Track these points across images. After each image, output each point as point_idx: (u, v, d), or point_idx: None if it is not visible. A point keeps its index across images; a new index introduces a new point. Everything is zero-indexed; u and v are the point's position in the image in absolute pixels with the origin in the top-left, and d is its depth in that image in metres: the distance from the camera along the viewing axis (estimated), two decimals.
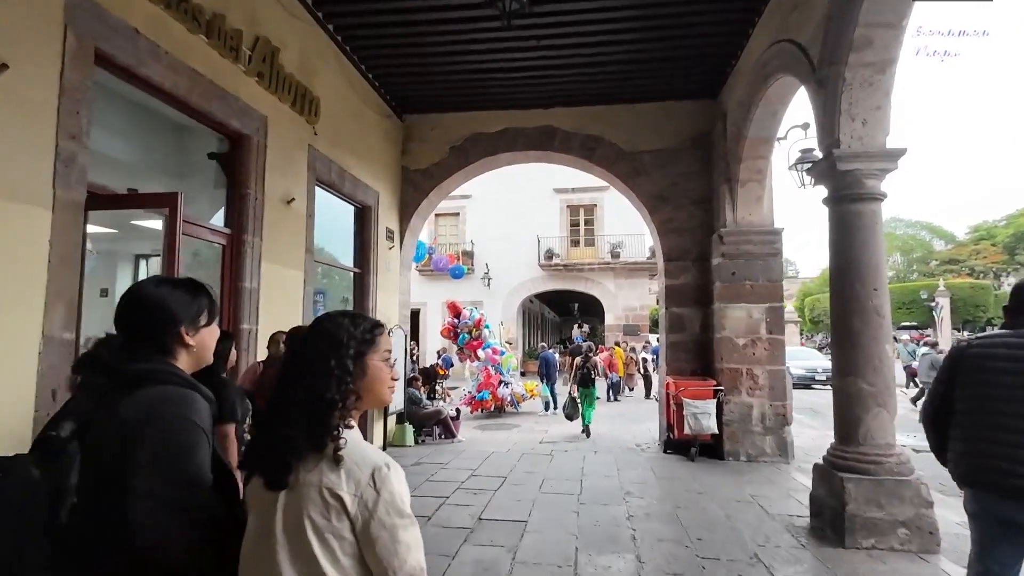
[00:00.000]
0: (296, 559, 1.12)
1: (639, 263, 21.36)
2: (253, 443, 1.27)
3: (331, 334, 1.23)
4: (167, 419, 1.21)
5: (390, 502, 1.14)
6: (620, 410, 12.74)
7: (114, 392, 1.23)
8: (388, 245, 8.10)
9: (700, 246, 7.91)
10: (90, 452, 1.19)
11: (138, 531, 1.14)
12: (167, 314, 1.33)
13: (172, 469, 1.19)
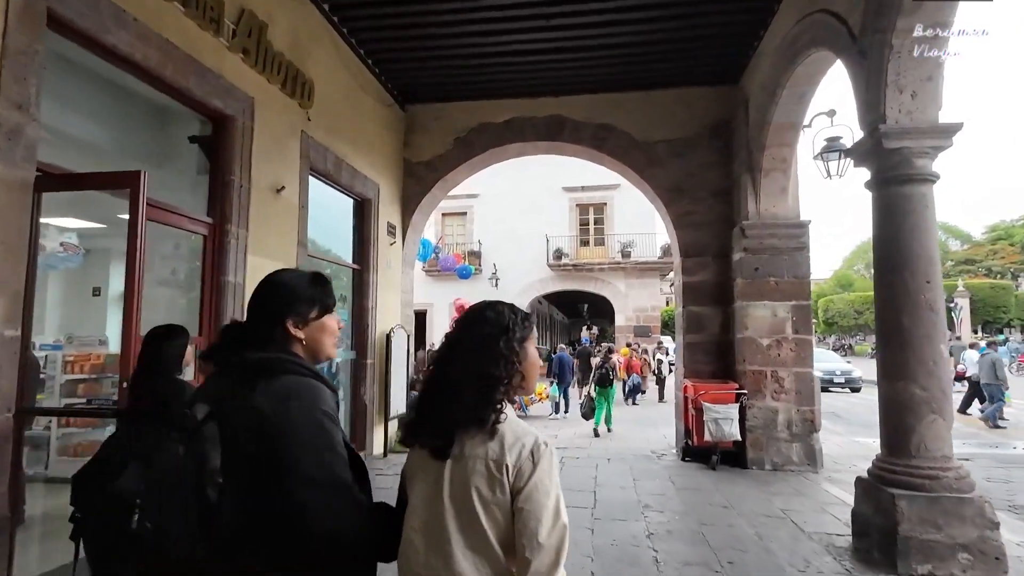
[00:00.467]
0: (464, 527, 1.20)
1: (650, 263, 20.87)
2: (416, 418, 1.32)
3: (498, 321, 1.32)
4: (308, 409, 1.23)
5: (541, 480, 1.22)
6: (635, 414, 12.27)
7: (244, 379, 1.25)
8: (389, 241, 7.70)
9: (719, 241, 7.44)
10: (229, 436, 1.20)
11: (312, 518, 1.16)
12: (275, 305, 1.34)
13: (324, 456, 1.21)
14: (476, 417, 1.22)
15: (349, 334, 6.97)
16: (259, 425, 1.19)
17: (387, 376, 7.20)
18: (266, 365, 1.26)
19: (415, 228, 8.47)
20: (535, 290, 21.93)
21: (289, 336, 1.33)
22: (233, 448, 1.19)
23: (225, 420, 1.21)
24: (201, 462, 1.17)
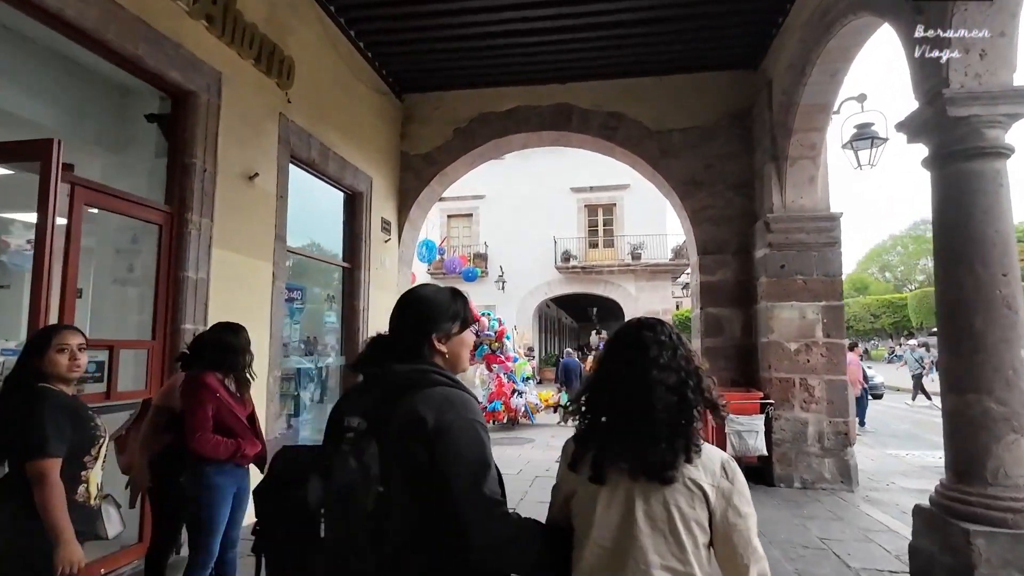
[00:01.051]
0: (663, 546, 1.21)
1: (661, 265, 20.24)
2: (609, 439, 1.28)
3: (671, 337, 1.35)
4: (464, 420, 1.25)
5: (742, 492, 1.27)
6: None
7: (398, 390, 1.28)
8: (384, 238, 7.17)
9: (740, 237, 6.85)
10: (390, 445, 1.21)
11: (472, 530, 1.18)
12: (423, 320, 1.39)
13: (482, 469, 1.23)
14: (678, 439, 1.24)
15: (338, 338, 6.45)
16: (423, 434, 1.21)
17: None
18: (418, 377, 1.30)
19: (413, 224, 7.95)
20: (542, 293, 21.38)
21: (434, 350, 1.38)
22: (395, 457, 1.21)
23: (383, 430, 1.22)
24: (365, 473, 1.17)
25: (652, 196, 21.60)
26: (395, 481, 1.19)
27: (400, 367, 1.32)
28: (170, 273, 3.78)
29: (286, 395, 6.01)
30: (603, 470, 1.26)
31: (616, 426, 1.30)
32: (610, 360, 1.36)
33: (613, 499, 1.25)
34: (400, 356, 1.35)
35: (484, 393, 11.09)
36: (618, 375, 1.31)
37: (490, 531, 1.20)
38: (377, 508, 1.17)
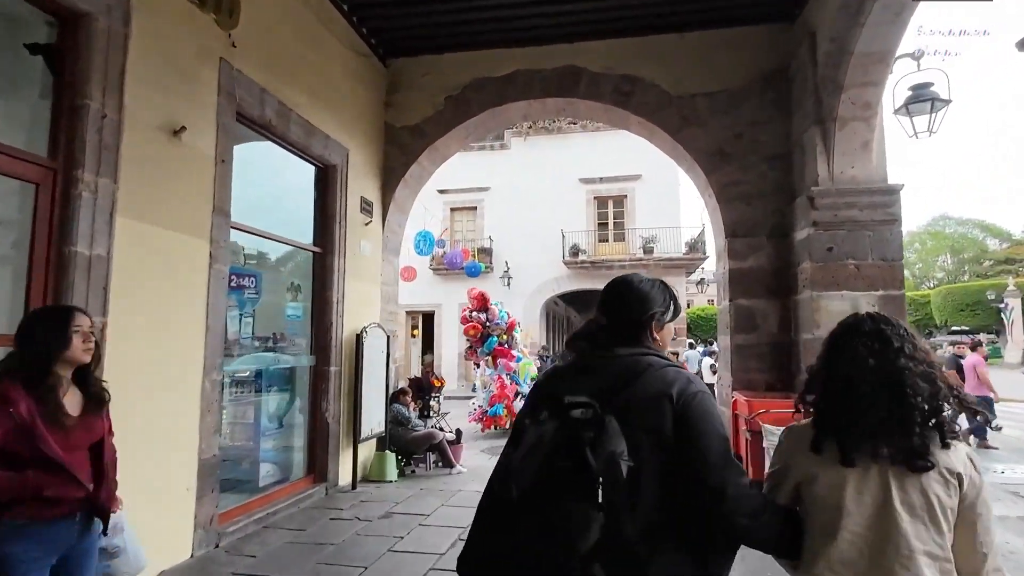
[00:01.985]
0: (924, 532, 1.26)
1: (675, 259, 19.22)
2: (856, 426, 1.30)
3: (906, 331, 1.38)
4: (704, 396, 1.32)
5: (985, 484, 1.32)
6: None
7: (627, 373, 1.35)
8: (364, 220, 6.27)
9: (776, 216, 5.89)
10: (631, 423, 1.25)
11: (726, 501, 1.24)
12: (647, 307, 1.45)
13: (726, 441, 1.31)
14: (940, 430, 1.29)
15: (308, 335, 5.56)
16: (668, 411, 1.29)
17: (357, 387, 5.76)
18: (648, 360, 1.38)
19: (399, 207, 7.04)
20: (550, 289, 20.43)
21: (650, 336, 1.46)
22: (644, 433, 1.27)
23: (621, 408, 1.27)
24: (613, 447, 1.21)
25: (664, 187, 20.71)
26: (643, 454, 1.25)
27: (624, 351, 1.40)
28: (51, 248, 2.89)
29: (244, 401, 5.14)
30: (851, 455, 1.29)
31: (865, 414, 1.31)
32: (848, 351, 1.37)
33: (864, 485, 1.29)
34: (623, 341, 1.42)
35: (485, 396, 10.18)
36: (863, 365, 1.33)
37: (745, 497, 1.27)
38: (628, 480, 1.20)
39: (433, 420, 7.39)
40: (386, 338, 6.45)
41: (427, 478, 6.41)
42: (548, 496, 1.20)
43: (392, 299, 7.07)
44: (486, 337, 9.99)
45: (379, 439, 6.39)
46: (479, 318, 10.20)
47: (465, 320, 10.41)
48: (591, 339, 1.45)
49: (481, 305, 10.39)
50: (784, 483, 1.40)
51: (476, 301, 10.46)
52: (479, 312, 10.25)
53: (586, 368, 1.42)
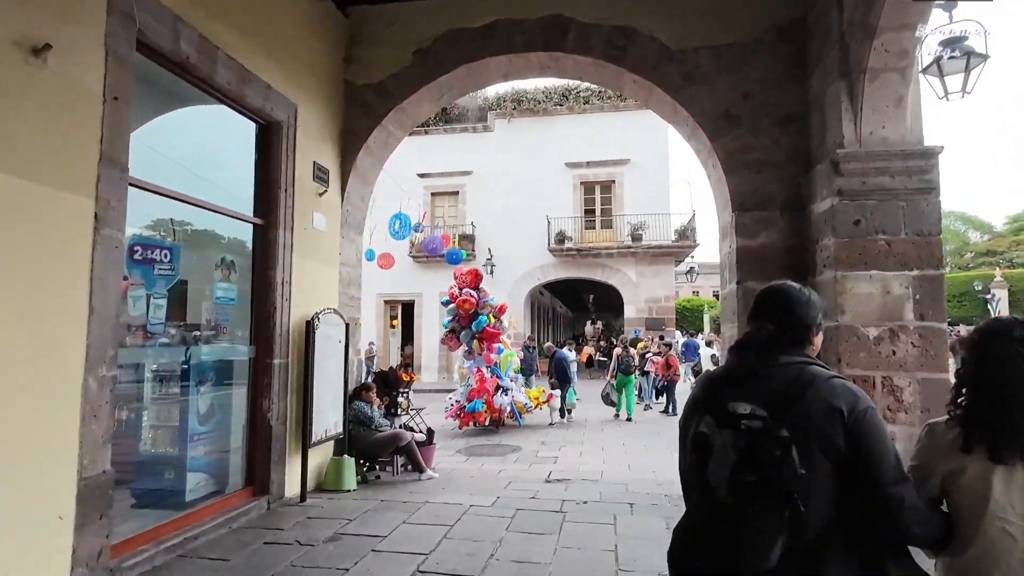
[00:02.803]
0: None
1: (664, 247, 18.54)
2: (1005, 425, 1.35)
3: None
4: (871, 409, 1.37)
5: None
6: (654, 424, 9.97)
7: (796, 383, 1.38)
8: (318, 190, 5.43)
9: (791, 187, 5.15)
10: (803, 432, 1.30)
11: (898, 510, 1.32)
12: (811, 316, 1.52)
13: (893, 450, 1.36)
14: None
15: (247, 322, 4.72)
16: (840, 422, 1.32)
17: (307, 383, 4.94)
18: (814, 369, 1.42)
19: (362, 177, 6.19)
20: (535, 278, 19.67)
21: (810, 343, 1.52)
22: (817, 442, 1.31)
23: (793, 418, 1.31)
24: (795, 461, 1.26)
25: (653, 172, 19.97)
26: (817, 465, 1.30)
27: (787, 359, 1.44)
28: None
29: (168, 401, 4.30)
30: (1002, 452, 1.34)
31: (1015, 415, 1.35)
32: (998, 356, 1.41)
33: (1012, 478, 1.33)
34: (786, 348, 1.46)
35: (463, 390, 9.39)
36: (1014, 371, 1.37)
37: (917, 509, 1.35)
38: (799, 488, 1.26)
39: (402, 419, 6.59)
40: (345, 326, 5.63)
41: (392, 485, 5.62)
42: (739, 506, 1.29)
43: (354, 282, 6.24)
44: (475, 315, 9.22)
45: (338, 442, 5.59)
46: (471, 295, 9.43)
47: (454, 297, 9.61)
48: (761, 347, 1.47)
49: (475, 282, 9.64)
50: (929, 479, 1.44)
51: (469, 276, 9.69)
52: (472, 290, 9.52)
53: (748, 375, 1.45)
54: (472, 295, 9.44)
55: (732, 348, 1.57)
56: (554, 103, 20.05)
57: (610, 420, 10.34)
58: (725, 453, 1.32)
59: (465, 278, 9.70)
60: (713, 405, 1.41)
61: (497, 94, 20.57)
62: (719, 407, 1.37)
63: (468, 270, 9.95)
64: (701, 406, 1.47)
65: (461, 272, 9.82)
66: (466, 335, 9.30)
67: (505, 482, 5.77)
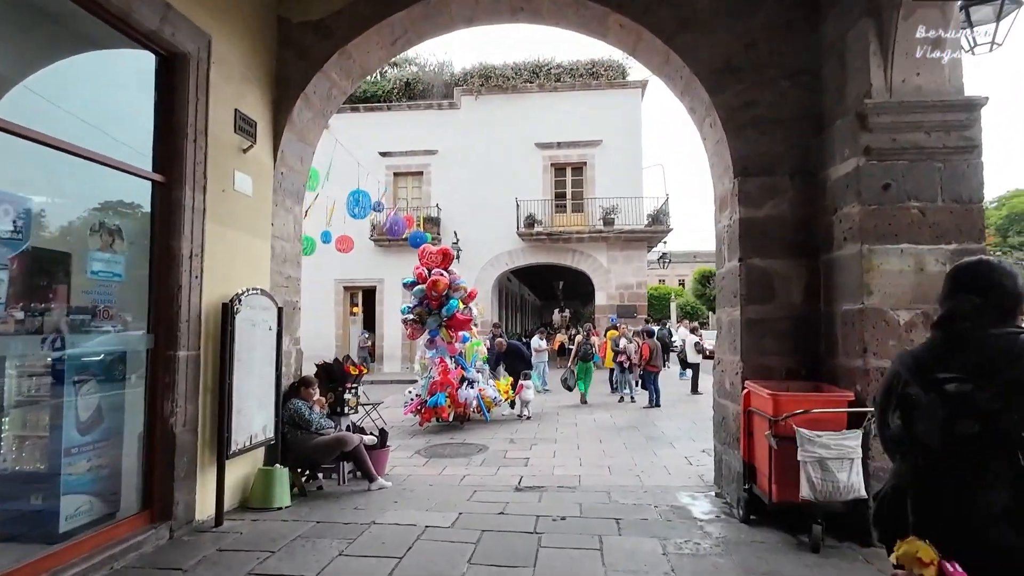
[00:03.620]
0: None
1: (637, 232, 17.94)
2: None
3: None
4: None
5: None
6: (631, 417, 9.31)
7: (1008, 354, 1.44)
8: (241, 144, 4.46)
9: (800, 150, 4.45)
10: (1016, 401, 1.37)
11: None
12: (1020, 286, 1.56)
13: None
14: None
15: (142, 304, 3.75)
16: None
17: (225, 380, 4.01)
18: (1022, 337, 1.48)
19: (301, 134, 5.24)
20: (503, 263, 18.83)
21: (1019, 316, 1.56)
22: None
23: (1011, 385, 1.38)
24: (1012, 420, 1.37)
25: (626, 154, 19.28)
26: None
27: (997, 330, 1.49)
28: None
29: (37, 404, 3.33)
30: None
31: None
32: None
33: None
34: (995, 320, 1.51)
35: (424, 382, 8.52)
36: None
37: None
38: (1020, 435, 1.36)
39: (351, 418, 5.69)
40: (277, 311, 4.70)
41: (335, 499, 4.76)
42: (964, 457, 1.41)
43: (292, 260, 5.29)
44: (446, 300, 8.31)
45: (270, 449, 4.69)
46: (439, 276, 8.45)
47: (422, 277, 8.60)
48: (969, 319, 1.51)
49: (444, 261, 8.73)
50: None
51: (439, 255, 8.75)
52: (441, 273, 8.52)
53: (955, 347, 1.51)
54: (443, 275, 8.53)
55: (936, 323, 1.62)
56: (524, 80, 19.13)
57: (584, 413, 9.65)
58: (934, 411, 1.44)
59: (435, 257, 8.75)
60: (919, 376, 1.51)
61: (464, 70, 19.54)
62: (925, 378, 1.48)
63: (438, 248, 9.02)
64: (906, 378, 1.56)
65: (430, 250, 8.85)
66: (433, 320, 8.39)
67: (469, 491, 4.96)
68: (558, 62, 19.42)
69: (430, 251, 8.92)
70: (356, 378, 5.56)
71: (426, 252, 8.89)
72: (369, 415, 8.79)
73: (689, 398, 11.15)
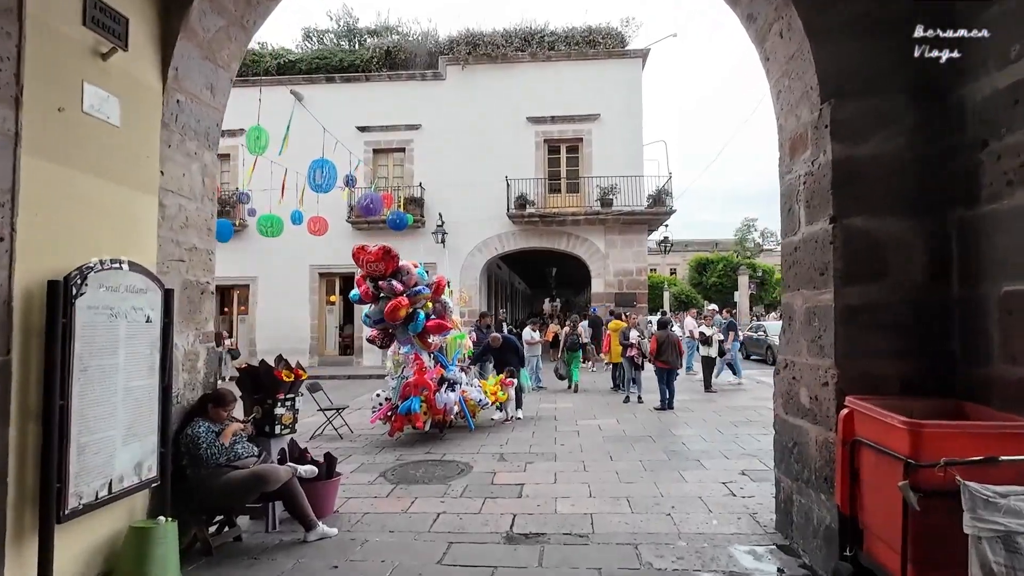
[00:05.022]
0: None
1: (637, 214, 16.53)
2: None
3: None
4: None
5: None
6: (643, 423, 7.96)
7: None
8: (98, 46, 2.99)
9: (918, 60, 3.05)
10: None
11: None
12: None
13: None
14: None
15: None
16: None
17: (54, 400, 2.57)
18: None
19: (208, 50, 3.76)
20: (492, 248, 17.37)
21: None
22: None
23: None
24: None
25: (625, 129, 17.80)
26: None
27: None
28: None
29: None
30: None
31: None
32: None
33: None
34: None
35: (395, 385, 7.10)
36: None
37: None
38: None
39: (284, 439, 4.26)
40: (163, 295, 3.25)
41: (252, 560, 3.36)
42: None
43: (196, 225, 3.84)
44: (409, 316, 6.65)
45: (155, 492, 3.27)
46: (393, 287, 6.48)
47: (368, 294, 6.72)
48: None
49: (389, 266, 6.51)
50: None
51: (377, 259, 6.49)
52: (388, 279, 6.52)
53: None
54: (394, 287, 6.45)
55: None
56: (515, 48, 17.57)
57: (587, 418, 8.30)
58: None
59: (377, 263, 6.47)
60: None
61: (450, 37, 17.93)
62: None
63: (375, 249, 6.54)
64: None
65: (368, 255, 6.53)
66: (402, 334, 6.85)
67: (443, 545, 3.57)
68: (552, 28, 17.89)
69: (369, 256, 6.52)
70: (292, 386, 4.13)
71: (364, 257, 6.57)
72: (331, 422, 7.38)
73: (704, 397, 9.82)
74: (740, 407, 8.82)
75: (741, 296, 34.36)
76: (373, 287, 6.59)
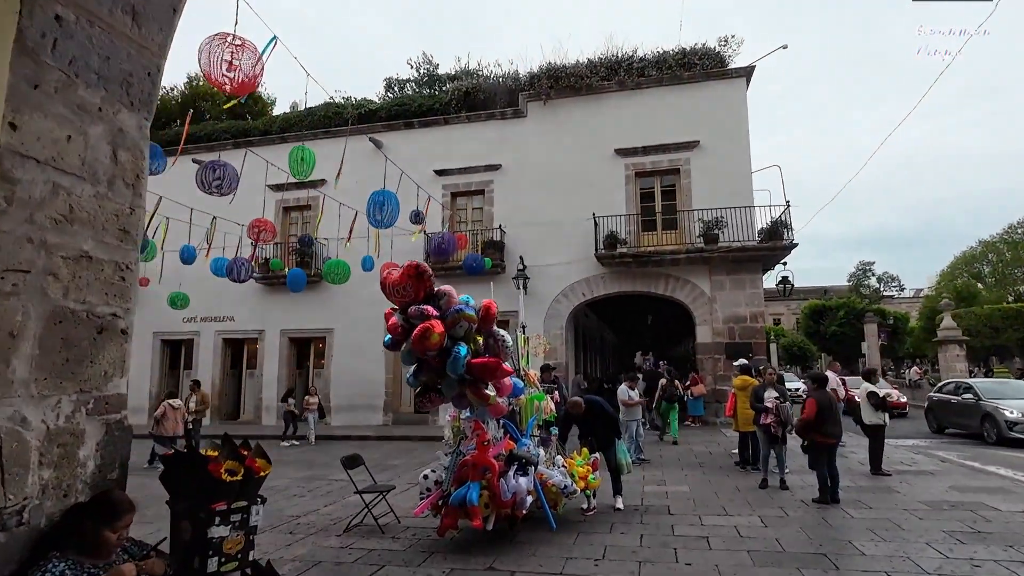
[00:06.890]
0: None
1: (748, 249, 14.12)
2: None
3: None
4: None
5: None
6: (802, 527, 5.59)
7: None
8: None
9: None
10: None
11: None
12: None
13: None
14: None
15: None
16: None
17: None
18: None
19: None
20: (579, 294, 15.53)
21: None
22: None
23: None
24: None
25: (730, 156, 15.53)
26: None
27: None
28: None
29: None
30: None
31: None
32: None
33: None
34: None
35: (448, 463, 5.30)
36: None
37: None
38: None
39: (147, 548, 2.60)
40: None
41: None
42: None
43: (97, 222, 2.38)
44: (448, 351, 4.85)
45: None
46: (424, 311, 4.53)
47: (397, 329, 4.74)
48: None
49: (420, 288, 4.64)
50: None
51: (403, 281, 4.63)
52: (419, 304, 4.60)
53: None
54: (429, 311, 4.56)
55: None
56: (600, 78, 16.20)
57: (714, 514, 6.05)
58: None
59: (402, 289, 4.63)
60: None
61: (530, 72, 16.91)
62: None
63: (403, 268, 4.71)
64: None
65: (393, 279, 4.69)
66: (449, 388, 5.04)
67: None
68: (640, 55, 16.40)
69: (394, 279, 4.70)
70: (243, 489, 2.49)
71: (389, 282, 4.72)
72: (370, 509, 5.65)
73: (873, 483, 7.15)
74: (939, 501, 6.15)
75: (870, 347, 29.75)
76: (402, 320, 4.78)
